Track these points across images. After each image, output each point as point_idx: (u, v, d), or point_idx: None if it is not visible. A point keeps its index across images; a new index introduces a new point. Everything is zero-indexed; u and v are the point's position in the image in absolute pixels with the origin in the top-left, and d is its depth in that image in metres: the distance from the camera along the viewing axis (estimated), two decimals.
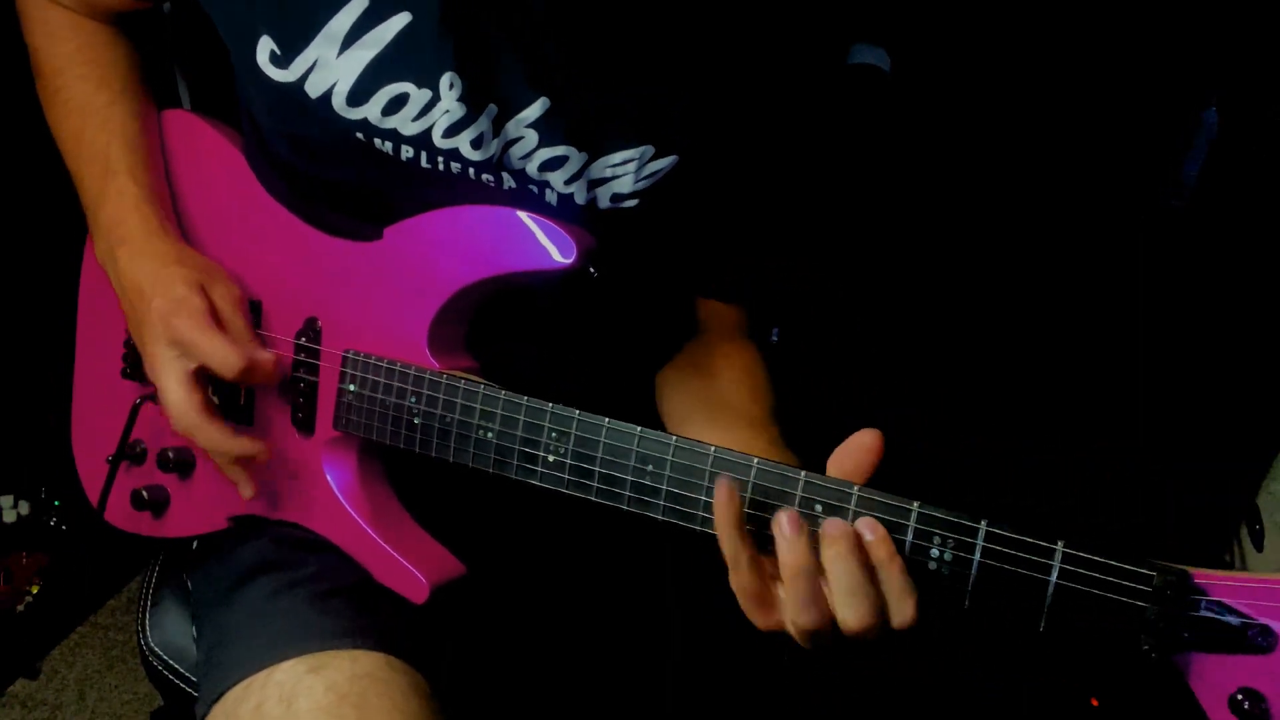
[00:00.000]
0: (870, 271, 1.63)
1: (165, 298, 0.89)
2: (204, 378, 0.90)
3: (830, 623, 0.70)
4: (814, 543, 0.70)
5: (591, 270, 0.89)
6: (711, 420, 0.95)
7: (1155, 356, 1.64)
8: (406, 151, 0.86)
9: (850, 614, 0.69)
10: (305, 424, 0.95)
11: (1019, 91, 1.55)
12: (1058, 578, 0.66)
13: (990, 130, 1.58)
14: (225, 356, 0.86)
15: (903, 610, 0.69)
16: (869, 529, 0.68)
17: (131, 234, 0.94)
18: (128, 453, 1.04)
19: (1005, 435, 1.64)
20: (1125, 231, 1.61)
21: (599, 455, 0.80)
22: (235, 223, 0.99)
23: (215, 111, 1.05)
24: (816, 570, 0.69)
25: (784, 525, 0.70)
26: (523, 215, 0.85)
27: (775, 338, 1.16)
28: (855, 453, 0.73)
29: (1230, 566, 1.51)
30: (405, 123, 0.83)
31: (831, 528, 0.69)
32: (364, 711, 0.80)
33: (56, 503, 1.84)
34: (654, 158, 0.83)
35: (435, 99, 0.82)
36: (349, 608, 0.90)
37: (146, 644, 1.05)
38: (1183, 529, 1.57)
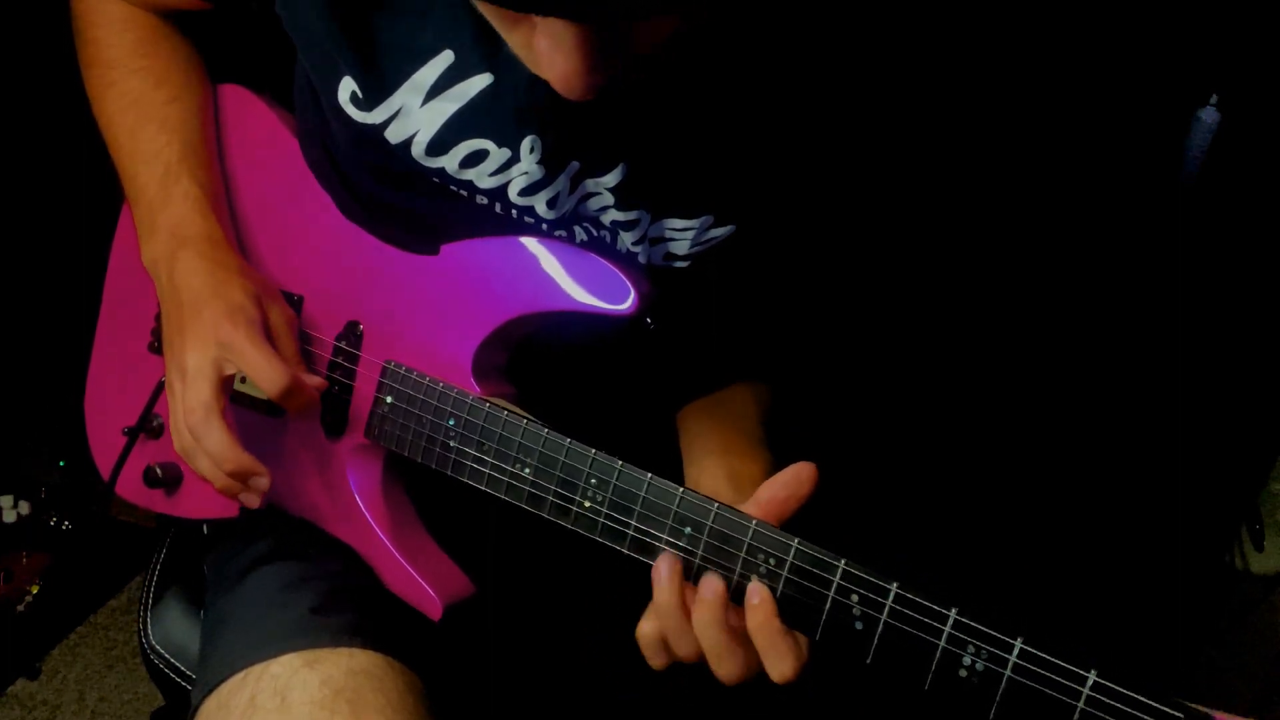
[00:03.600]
0: (870, 272, 1.63)
1: (224, 300, 0.88)
2: (229, 389, 0.89)
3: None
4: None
5: (649, 321, 0.88)
6: (711, 419, 0.98)
7: (1155, 356, 1.64)
8: (481, 199, 0.86)
9: (720, 670, 0.78)
10: (334, 427, 0.94)
11: (1017, 91, 1.54)
12: (1084, 704, 0.68)
13: (986, 129, 1.57)
14: (271, 370, 0.85)
15: (780, 669, 0.75)
16: (753, 593, 0.74)
17: (196, 239, 0.92)
18: (145, 426, 1.02)
19: (1004, 435, 1.65)
20: (1123, 230, 1.61)
21: (637, 509, 0.80)
22: (284, 210, 0.98)
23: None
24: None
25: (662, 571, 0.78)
26: (589, 255, 0.84)
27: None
28: (788, 484, 0.78)
29: (1231, 567, 1.54)
30: (482, 177, 0.82)
31: (705, 589, 0.76)
32: (358, 707, 0.81)
33: (61, 463, 1.82)
34: (713, 226, 0.83)
35: (514, 159, 0.81)
36: (352, 607, 0.90)
37: (147, 641, 1.04)
38: (1184, 529, 1.59)
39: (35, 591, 1.83)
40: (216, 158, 0.98)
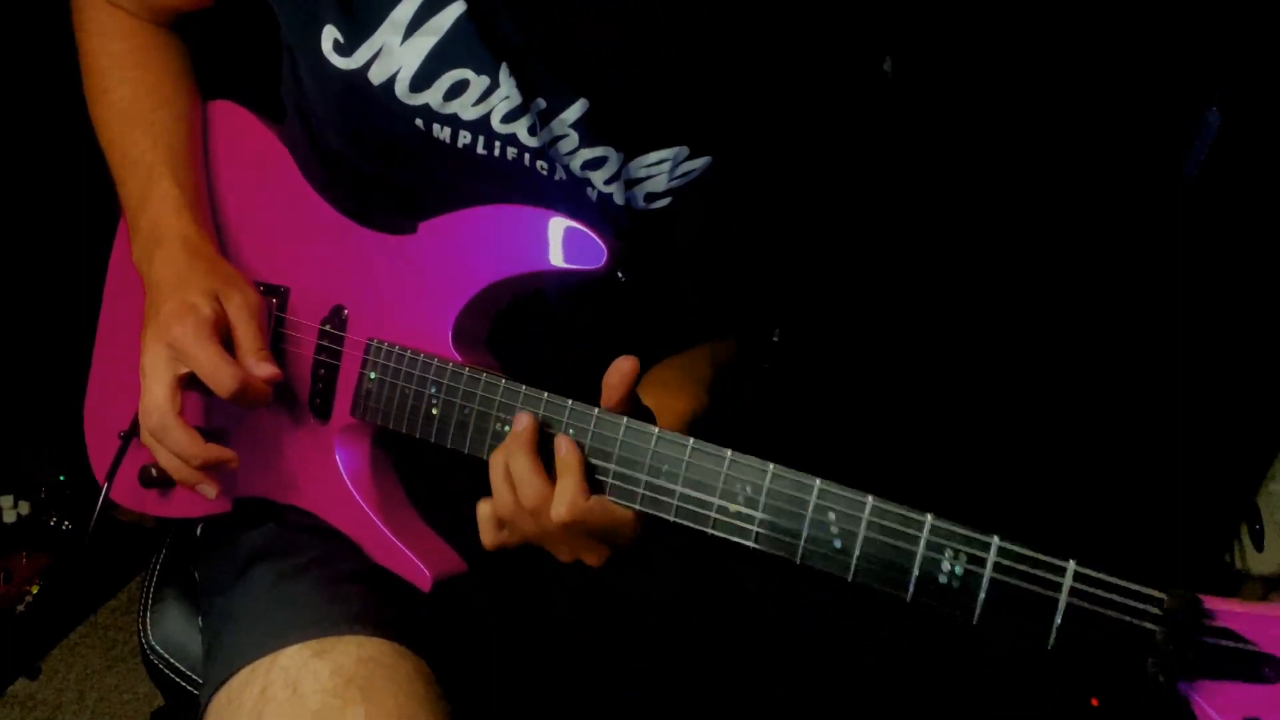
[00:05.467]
0: (869, 271, 1.63)
1: (179, 299, 0.89)
2: (189, 385, 0.90)
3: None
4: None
5: (620, 275, 0.91)
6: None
7: (1155, 356, 1.63)
8: (464, 137, 0.88)
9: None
10: (322, 410, 0.96)
11: (1018, 91, 1.56)
12: (1069, 596, 0.67)
13: (990, 130, 1.59)
14: (218, 371, 0.86)
15: (558, 507, 0.78)
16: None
17: (169, 237, 0.95)
18: (139, 431, 1.04)
19: (1004, 435, 1.63)
20: (1124, 230, 1.62)
21: (615, 453, 0.81)
22: (271, 210, 1.01)
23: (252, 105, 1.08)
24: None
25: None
26: (557, 216, 0.87)
27: (775, 338, 1.18)
28: (616, 374, 0.80)
29: (1230, 566, 1.50)
30: (465, 107, 0.85)
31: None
32: (370, 694, 0.80)
33: (61, 477, 1.84)
34: (688, 158, 0.85)
35: (494, 85, 0.84)
36: (355, 594, 0.90)
37: (147, 642, 1.05)
38: (1184, 528, 1.56)
39: (35, 591, 1.83)
40: (201, 163, 1.02)
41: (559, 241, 0.86)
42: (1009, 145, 1.61)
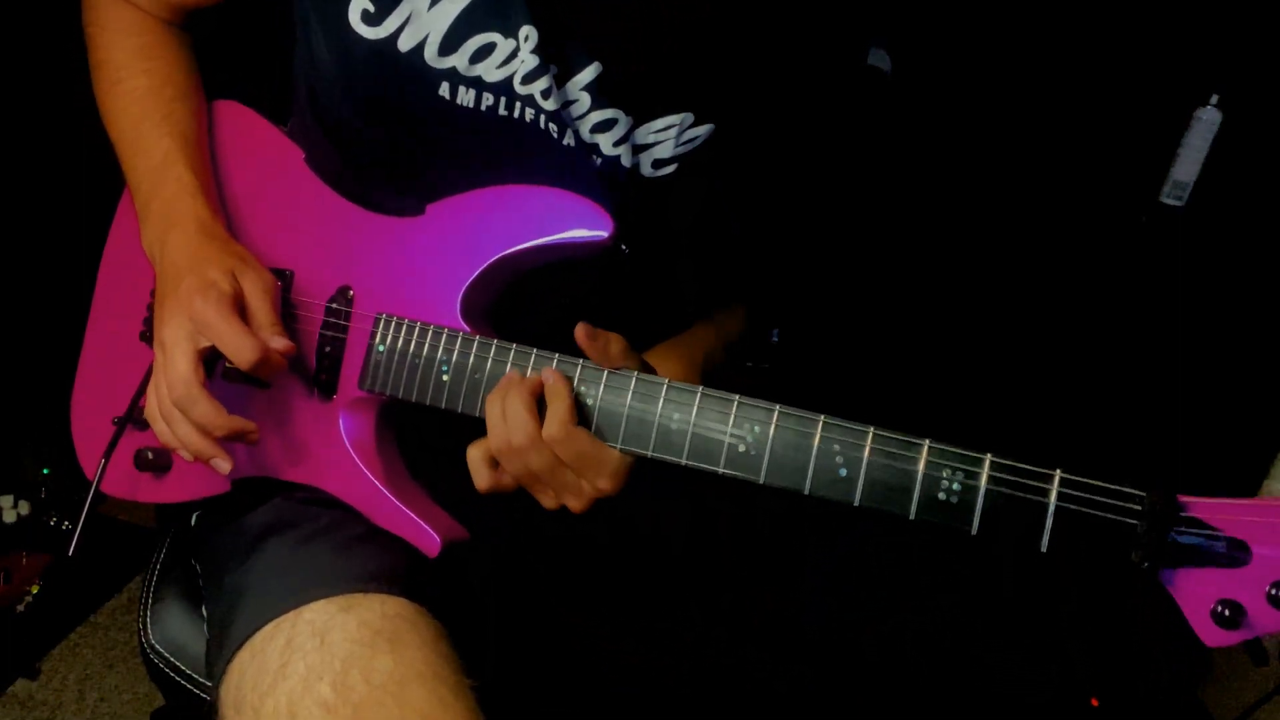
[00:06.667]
0: (869, 269, 1.66)
1: (197, 276, 0.93)
2: (209, 359, 0.92)
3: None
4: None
5: (623, 247, 0.96)
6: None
7: (1155, 356, 1.67)
8: (487, 99, 0.93)
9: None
10: (327, 386, 0.98)
11: (1018, 90, 1.61)
12: (1057, 500, 0.73)
13: (989, 129, 1.64)
14: (239, 343, 0.89)
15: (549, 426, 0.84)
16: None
17: (184, 219, 0.98)
18: (134, 416, 1.04)
19: (1004, 435, 1.67)
20: (1124, 230, 1.67)
21: (627, 403, 0.86)
22: (276, 201, 1.05)
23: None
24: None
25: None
26: (562, 191, 0.93)
27: (775, 338, 1.24)
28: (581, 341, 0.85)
29: None
30: (490, 70, 0.91)
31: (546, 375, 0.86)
32: (397, 645, 0.81)
33: (46, 470, 1.79)
34: (693, 125, 0.92)
35: (517, 49, 0.90)
36: (373, 554, 0.91)
37: (147, 641, 1.03)
38: None
39: (35, 591, 1.80)
40: (209, 155, 1.06)
41: (564, 213, 0.92)
42: (1006, 145, 1.67)
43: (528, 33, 0.90)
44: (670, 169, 0.95)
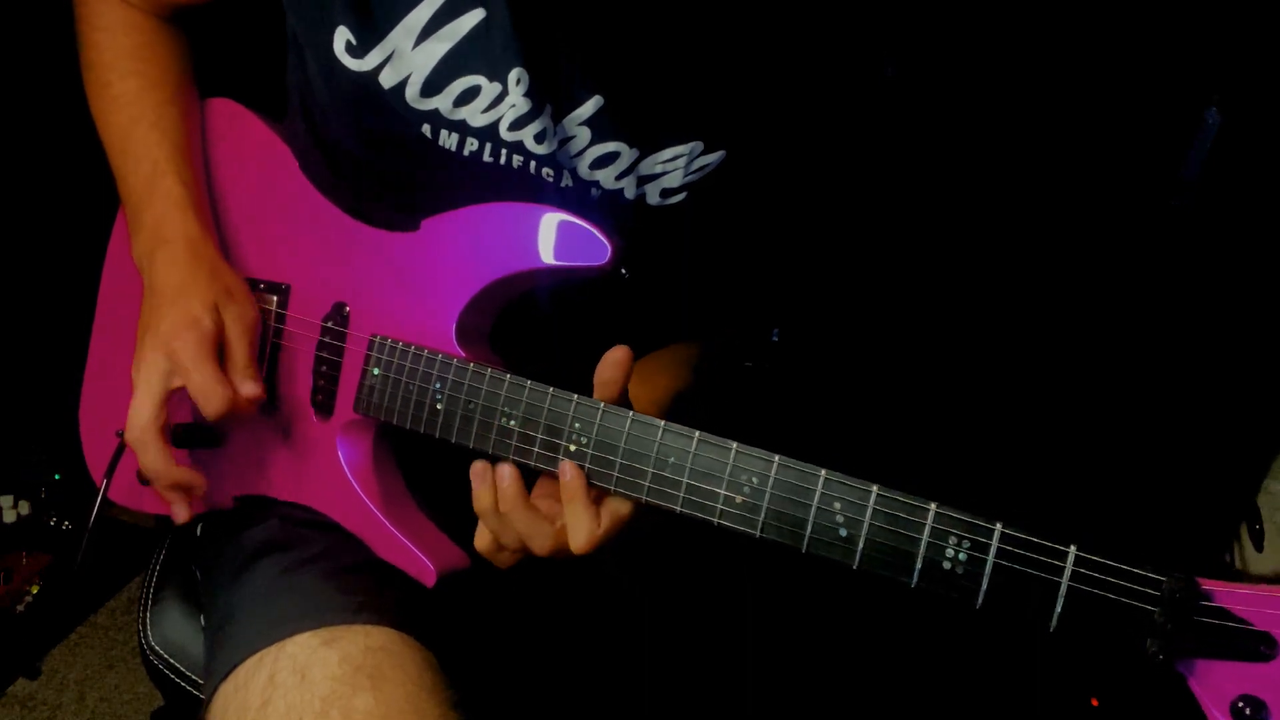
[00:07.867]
0: (871, 270, 1.64)
1: (183, 310, 0.91)
2: (176, 399, 0.91)
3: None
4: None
5: (623, 271, 0.92)
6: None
7: (1155, 356, 1.64)
8: (471, 145, 0.89)
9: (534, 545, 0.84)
10: (324, 406, 0.96)
11: (1018, 91, 1.56)
12: (1070, 580, 0.68)
13: (990, 129, 1.59)
14: (209, 392, 0.88)
15: (576, 539, 0.81)
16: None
17: (173, 237, 0.95)
18: None
19: (1004, 436, 1.64)
20: (1125, 231, 1.63)
21: (621, 446, 0.82)
22: (271, 207, 1.01)
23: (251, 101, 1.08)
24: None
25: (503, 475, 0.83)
26: (562, 214, 0.88)
27: (775, 338, 1.20)
28: (609, 367, 0.81)
29: (1230, 566, 1.52)
30: (475, 114, 0.86)
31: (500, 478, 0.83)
32: (379, 681, 0.81)
33: (57, 475, 1.83)
34: (703, 153, 0.86)
35: (504, 93, 0.85)
36: (360, 585, 0.90)
37: (147, 642, 1.04)
38: (1183, 528, 1.57)
39: (35, 591, 1.83)
40: (202, 161, 1.02)
41: (563, 239, 0.87)
42: (1007, 145, 1.62)
43: (518, 75, 0.84)
44: (679, 198, 0.90)
